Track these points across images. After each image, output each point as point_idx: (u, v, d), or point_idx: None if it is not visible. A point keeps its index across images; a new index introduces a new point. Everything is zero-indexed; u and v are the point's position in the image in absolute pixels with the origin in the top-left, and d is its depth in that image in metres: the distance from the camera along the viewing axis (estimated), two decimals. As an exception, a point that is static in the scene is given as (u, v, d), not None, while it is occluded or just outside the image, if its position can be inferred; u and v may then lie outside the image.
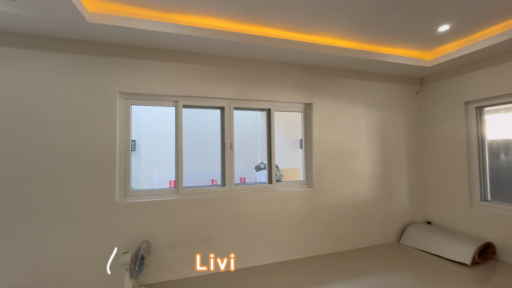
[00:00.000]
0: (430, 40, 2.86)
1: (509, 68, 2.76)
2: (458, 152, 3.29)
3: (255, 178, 5.54)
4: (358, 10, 2.26)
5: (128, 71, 2.51)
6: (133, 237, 2.45)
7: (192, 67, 2.72)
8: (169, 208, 2.56)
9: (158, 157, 5.20)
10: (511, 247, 2.76)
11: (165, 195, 2.64)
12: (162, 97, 2.67)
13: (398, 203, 3.55)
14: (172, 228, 2.57)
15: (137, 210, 2.47)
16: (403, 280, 2.48)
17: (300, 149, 5.60)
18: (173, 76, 2.64)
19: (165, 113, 4.83)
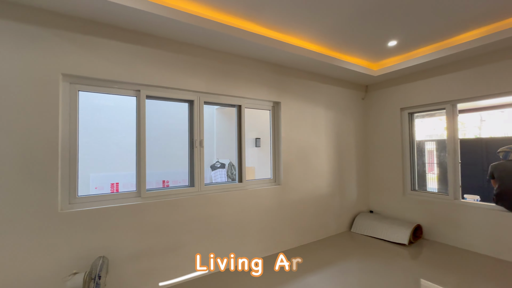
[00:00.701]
0: (379, 53, 3.29)
1: (434, 82, 3.41)
2: (394, 151, 3.89)
3: (211, 178, 5.33)
4: (330, 17, 2.41)
5: (76, 49, 2.03)
6: (84, 253, 2.00)
7: (159, 53, 2.40)
8: (129, 215, 2.20)
9: (96, 157, 4.45)
10: (433, 227, 3.43)
11: (124, 200, 2.25)
12: (120, 84, 2.27)
13: (349, 196, 3.97)
14: (134, 238, 2.22)
15: (88, 219, 2.03)
16: (358, 263, 2.77)
17: (256, 147, 5.64)
18: (135, 61, 2.28)
19: (107, 105, 4.15)
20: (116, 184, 4.42)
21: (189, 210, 2.51)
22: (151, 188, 2.48)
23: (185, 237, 2.47)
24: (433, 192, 3.56)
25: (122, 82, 2.26)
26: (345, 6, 2.23)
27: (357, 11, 2.32)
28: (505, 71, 2.81)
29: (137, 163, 2.36)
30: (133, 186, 3.72)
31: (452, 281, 2.40)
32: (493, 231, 2.90)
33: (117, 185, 4.40)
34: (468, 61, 3.08)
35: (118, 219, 2.15)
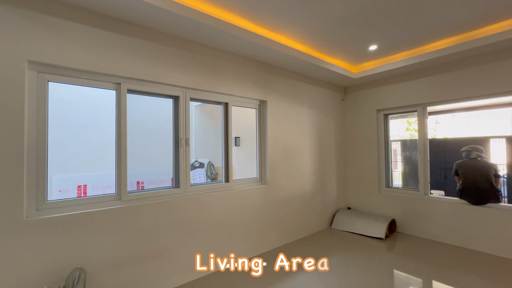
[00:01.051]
0: (360, 56, 3.43)
1: (408, 86, 3.66)
2: (371, 150, 4.10)
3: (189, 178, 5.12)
4: (318, 20, 2.44)
5: (46, 33, 1.78)
6: (57, 266, 1.77)
7: (142, 44, 2.21)
8: (109, 220, 2.00)
9: (60, 156, 4.03)
10: (406, 221, 3.69)
11: (103, 204, 2.04)
12: (98, 76, 2.05)
13: (329, 194, 4.10)
14: (115, 245, 2.02)
15: (60, 227, 1.79)
16: (340, 258, 2.87)
17: (235, 146, 5.57)
18: (115, 51, 2.07)
19: (69, 99, 3.76)
20: (83, 186, 4.04)
21: (175, 212, 2.36)
22: (132, 190, 2.28)
23: (171, 241, 2.33)
24: (406, 188, 3.83)
25: (100, 74, 2.04)
26: (332, 10, 2.27)
27: (343, 16, 2.38)
28: (469, 78, 3.11)
29: (117, 163, 2.16)
30: (104, 189, 3.44)
31: (423, 269, 2.60)
32: (457, 223, 3.20)
33: (85, 187, 4.02)
34: (438, 67, 3.36)
35: (96, 225, 1.94)
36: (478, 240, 3.03)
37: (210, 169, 5.15)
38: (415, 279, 2.43)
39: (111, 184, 4.05)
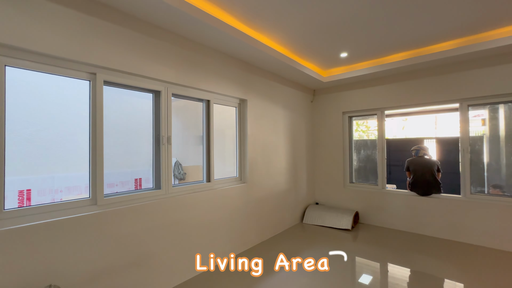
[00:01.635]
0: (330, 62, 3.70)
1: (370, 92, 4.08)
2: (337, 149, 4.45)
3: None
4: (298, 24, 2.55)
5: (4, 7, 1.48)
6: (27, 284, 1.49)
7: (123, 32, 2.00)
8: (83, 228, 1.76)
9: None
10: (367, 212, 4.11)
11: (75, 210, 1.79)
12: (69, 64, 1.78)
13: (301, 191, 4.31)
14: (92, 255, 1.79)
15: (25, 240, 1.52)
16: (314, 250, 3.07)
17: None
18: (91, 37, 1.83)
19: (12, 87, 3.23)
20: (27, 191, 3.47)
21: (156, 216, 2.21)
22: (110, 193, 2.05)
23: (153, 247, 2.16)
24: (367, 183, 4.27)
25: (72, 61, 1.78)
26: (312, 18, 2.41)
27: (321, 24, 2.54)
28: (419, 87, 3.63)
29: (92, 163, 1.91)
30: (53, 193, 3.11)
31: (381, 254, 2.95)
32: (409, 212, 3.71)
33: (29, 192, 3.46)
34: (395, 76, 3.83)
35: (69, 235, 1.69)
36: (426, 226, 3.56)
37: (178, 168, 4.90)
38: (374, 263, 2.74)
39: (62, 188, 3.59)
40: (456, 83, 3.36)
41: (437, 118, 7.09)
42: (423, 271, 2.55)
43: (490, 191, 3.38)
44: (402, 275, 2.49)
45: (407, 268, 2.63)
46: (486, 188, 3.39)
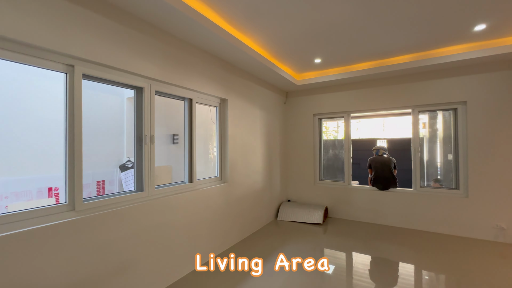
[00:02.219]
0: (305, 66, 3.92)
1: (338, 96, 4.43)
2: (307, 148, 4.73)
3: (120, 181, 4.53)
4: (281, 30, 2.67)
5: (-33, -17, 1.26)
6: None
7: (105, 23, 1.85)
8: (60, 237, 1.59)
9: None
10: (335, 207, 4.46)
11: (50, 217, 1.60)
12: (42, 53, 1.58)
13: (275, 189, 4.47)
14: (70, 266, 1.62)
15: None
16: (290, 244, 3.25)
17: (173, 144, 5.26)
18: (70, 24, 1.66)
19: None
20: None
21: (139, 219, 2.09)
22: (90, 197, 1.87)
23: (136, 253, 2.04)
24: (334, 180, 4.62)
25: (45, 50, 1.58)
26: (293, 25, 2.55)
27: (300, 31, 2.70)
28: (382, 93, 4.08)
29: (69, 164, 1.73)
30: (2, 199, 2.82)
31: (347, 244, 3.27)
32: (371, 205, 4.15)
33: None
34: (361, 83, 4.23)
35: (44, 245, 1.51)
36: (385, 217, 4.03)
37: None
38: (341, 253, 3.02)
39: (8, 194, 3.18)
40: (410, 91, 3.87)
41: (385, 121, 7.98)
42: (382, 257, 2.89)
43: (432, 185, 3.99)
44: (364, 262, 2.79)
45: (368, 255, 2.95)
46: (426, 182, 3.98)
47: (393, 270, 2.59)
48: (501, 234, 3.29)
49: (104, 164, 4.32)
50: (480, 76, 3.41)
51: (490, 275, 2.49)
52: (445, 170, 3.98)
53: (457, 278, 2.43)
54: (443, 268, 2.63)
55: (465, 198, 3.51)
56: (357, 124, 8.53)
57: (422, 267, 2.66)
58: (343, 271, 2.59)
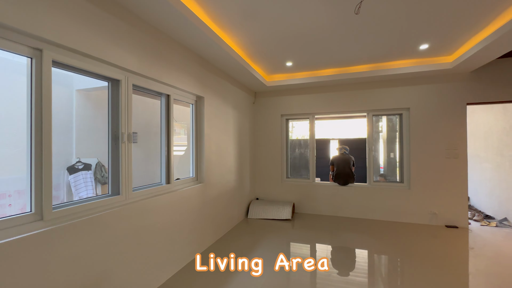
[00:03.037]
0: (276, 68, 4.05)
1: (304, 99, 4.70)
2: (275, 148, 4.90)
3: (69, 184, 4.01)
4: (259, 32, 2.74)
5: None
6: None
7: (80, 3, 1.61)
8: (26, 253, 1.34)
9: None
10: (301, 203, 4.73)
11: (14, 230, 1.33)
12: (3, 31, 1.31)
13: (245, 187, 4.51)
14: (39, 285, 1.38)
15: None
16: (263, 240, 3.36)
17: (133, 143, 4.85)
18: (38, 5, 1.40)
19: None
20: None
21: (116, 226, 1.89)
22: (59, 204, 1.60)
23: (113, 263, 1.84)
24: (300, 177, 4.90)
25: (6, 28, 1.31)
26: (272, 28, 2.65)
27: (277, 34, 2.81)
28: (343, 98, 4.48)
29: (35, 166, 1.46)
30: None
31: (312, 236, 3.55)
32: (333, 199, 4.54)
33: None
34: (324, 87, 4.57)
35: (7, 264, 1.25)
36: (345, 209, 4.46)
37: (101, 171, 4.18)
38: (305, 245, 3.24)
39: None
40: (366, 97, 4.36)
41: (339, 123, 8.78)
42: (342, 246, 3.21)
43: (379, 179, 4.59)
44: (327, 251, 3.06)
45: (329, 245, 3.24)
46: (374, 178, 4.57)
47: (351, 256, 2.91)
48: (433, 218, 3.99)
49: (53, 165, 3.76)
50: (421, 87, 4.06)
51: (425, 250, 3.01)
52: (390, 167, 4.62)
53: (401, 256, 2.87)
54: (391, 249, 3.07)
55: (408, 190, 4.14)
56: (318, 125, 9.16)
57: (374, 251, 3.03)
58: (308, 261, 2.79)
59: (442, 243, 3.26)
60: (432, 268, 2.60)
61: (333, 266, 2.64)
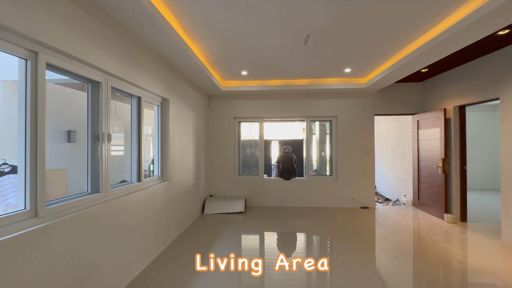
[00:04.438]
0: (232, 75, 4.49)
1: (254, 104, 5.27)
2: (228, 147, 5.31)
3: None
4: (223, 43, 3.16)
5: None
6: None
7: (72, 10, 1.69)
8: (23, 249, 1.40)
9: None
10: (252, 197, 5.28)
11: (10, 228, 1.37)
12: (4, 34, 1.35)
13: (201, 185, 4.76)
14: (34, 280, 1.45)
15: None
16: (222, 233, 3.77)
17: (68, 143, 4.58)
18: (37, 6, 1.47)
19: None
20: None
21: (99, 222, 1.98)
22: (52, 200, 1.63)
23: (97, 257, 1.94)
24: (251, 174, 5.44)
25: (6, 29, 1.36)
26: (235, 42, 3.11)
27: (238, 48, 3.28)
28: (287, 105, 5.24)
29: (31, 166, 1.50)
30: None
31: (263, 224, 4.17)
32: (279, 192, 5.25)
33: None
34: (272, 95, 5.24)
35: (4, 262, 1.31)
36: (289, 200, 5.22)
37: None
38: (255, 236, 3.77)
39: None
40: (305, 105, 5.24)
41: (276, 125, 9.76)
42: (286, 231, 3.88)
43: (312, 174, 5.58)
44: (273, 237, 3.68)
45: (276, 231, 3.86)
46: (311, 172, 5.53)
47: (293, 239, 3.57)
48: (353, 202, 5.15)
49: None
50: (346, 100, 5.17)
51: (348, 225, 3.98)
52: (322, 163, 5.66)
53: (331, 231, 3.74)
54: (323, 229, 3.92)
55: (336, 181, 5.20)
56: (250, 126, 9.91)
57: (311, 233, 3.79)
58: (256, 247, 3.32)
59: (359, 219, 4.32)
60: (352, 236, 3.51)
61: (278, 249, 3.13)
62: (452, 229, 3.83)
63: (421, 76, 4.65)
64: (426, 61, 3.31)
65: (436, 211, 4.47)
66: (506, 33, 2.82)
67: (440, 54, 3.02)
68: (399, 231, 3.80)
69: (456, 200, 4.16)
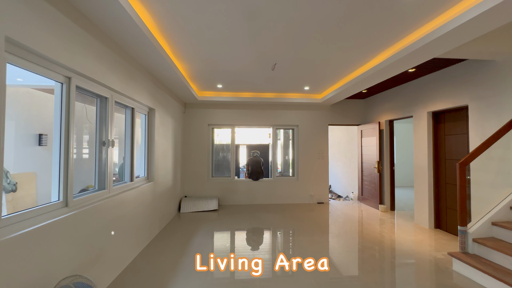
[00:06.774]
0: (209, 87, 5.04)
1: (227, 113, 5.86)
2: (202, 151, 5.80)
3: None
4: (204, 62, 3.74)
5: None
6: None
7: (91, 42, 2.12)
8: (59, 232, 1.79)
9: None
10: (224, 197, 5.83)
11: (49, 215, 1.76)
12: (47, 63, 1.76)
13: (178, 186, 5.16)
14: (69, 258, 1.86)
15: (14, 250, 1.50)
16: (201, 229, 4.29)
17: (39, 146, 4.73)
18: (70, 40, 1.90)
19: None
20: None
21: (107, 214, 2.39)
22: (76, 194, 2.02)
23: (105, 243, 2.34)
24: (223, 176, 5.99)
25: (50, 60, 1.78)
26: (216, 62, 3.72)
27: (216, 66, 3.90)
28: (256, 115, 5.94)
29: (64, 163, 1.90)
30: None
31: (233, 219, 4.80)
32: (248, 192, 5.89)
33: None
34: (244, 105, 5.90)
35: (43, 242, 1.72)
36: (257, 198, 5.90)
37: (6, 178, 3.89)
38: (226, 232, 4.39)
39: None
40: (272, 115, 6.01)
41: (244, 131, 10.45)
42: (255, 227, 4.56)
43: (277, 175, 6.37)
44: (243, 232, 4.35)
45: (246, 227, 4.51)
46: (276, 173, 6.32)
47: (260, 234, 4.22)
48: (311, 199, 6.04)
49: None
50: (305, 112, 6.08)
51: (307, 217, 4.81)
52: (285, 165, 6.49)
53: (293, 224, 4.53)
54: (286, 223, 4.69)
55: (297, 181, 6.04)
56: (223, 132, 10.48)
57: (275, 227, 4.49)
58: (227, 242, 3.96)
59: (316, 212, 5.19)
60: (311, 226, 4.32)
61: (247, 244, 3.71)
62: (384, 216, 4.91)
63: (363, 95, 5.78)
64: (364, 85, 4.32)
65: (373, 203, 5.58)
66: (414, 71, 3.93)
67: (373, 81, 4.03)
68: (345, 219, 4.75)
69: (387, 194, 5.30)
